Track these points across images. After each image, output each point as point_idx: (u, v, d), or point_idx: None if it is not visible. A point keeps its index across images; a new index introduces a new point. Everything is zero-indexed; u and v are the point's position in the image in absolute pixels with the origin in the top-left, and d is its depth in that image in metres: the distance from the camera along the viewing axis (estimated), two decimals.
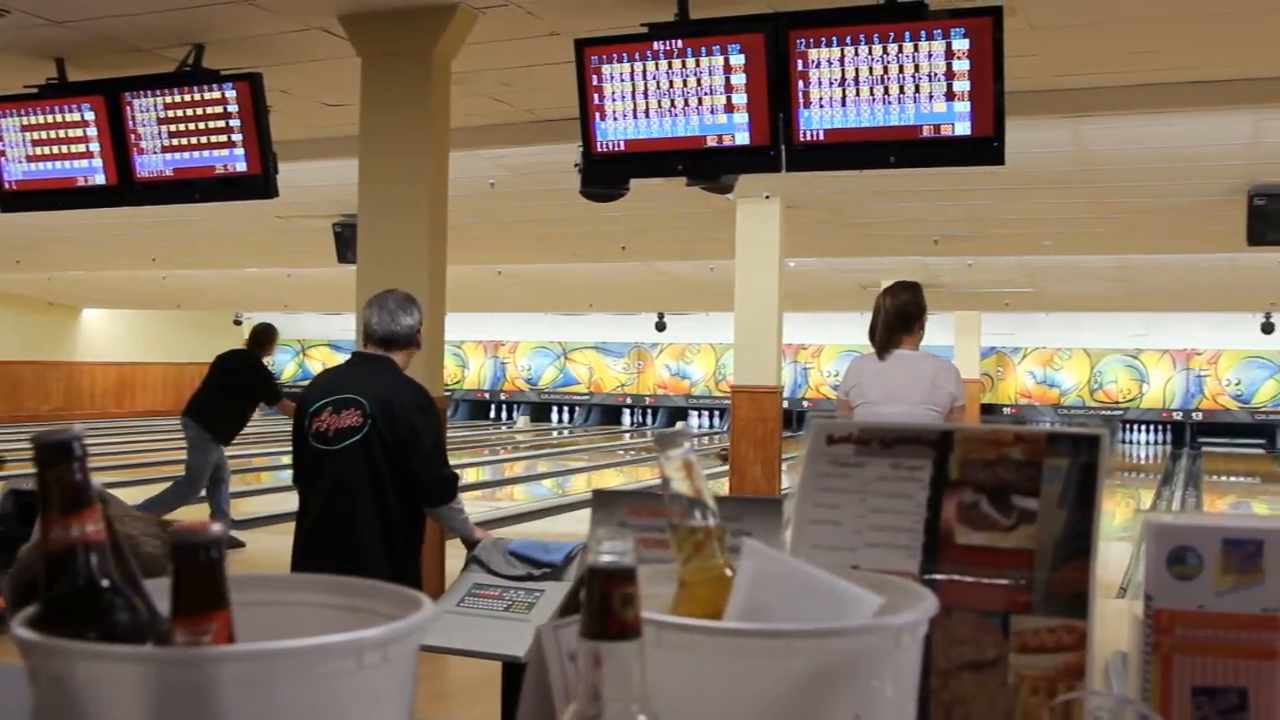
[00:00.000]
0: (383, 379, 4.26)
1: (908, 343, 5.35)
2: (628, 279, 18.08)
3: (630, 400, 27.91)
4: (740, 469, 11.21)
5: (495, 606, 3.43)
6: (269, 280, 19.72)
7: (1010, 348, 25.39)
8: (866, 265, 16.27)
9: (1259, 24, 6.04)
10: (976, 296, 19.50)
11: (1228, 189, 9.79)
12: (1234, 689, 1.07)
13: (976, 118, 5.04)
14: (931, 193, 10.39)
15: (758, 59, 5.24)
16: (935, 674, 1.13)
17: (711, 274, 16.01)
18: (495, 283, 18.57)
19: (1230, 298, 18.47)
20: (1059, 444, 1.13)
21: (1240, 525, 1.08)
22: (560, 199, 9.99)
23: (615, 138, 5.48)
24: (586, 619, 0.83)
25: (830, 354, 26.46)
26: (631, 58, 5.39)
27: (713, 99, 5.32)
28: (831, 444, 1.22)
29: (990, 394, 24.80)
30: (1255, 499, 16.84)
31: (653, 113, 5.39)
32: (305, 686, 0.80)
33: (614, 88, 5.43)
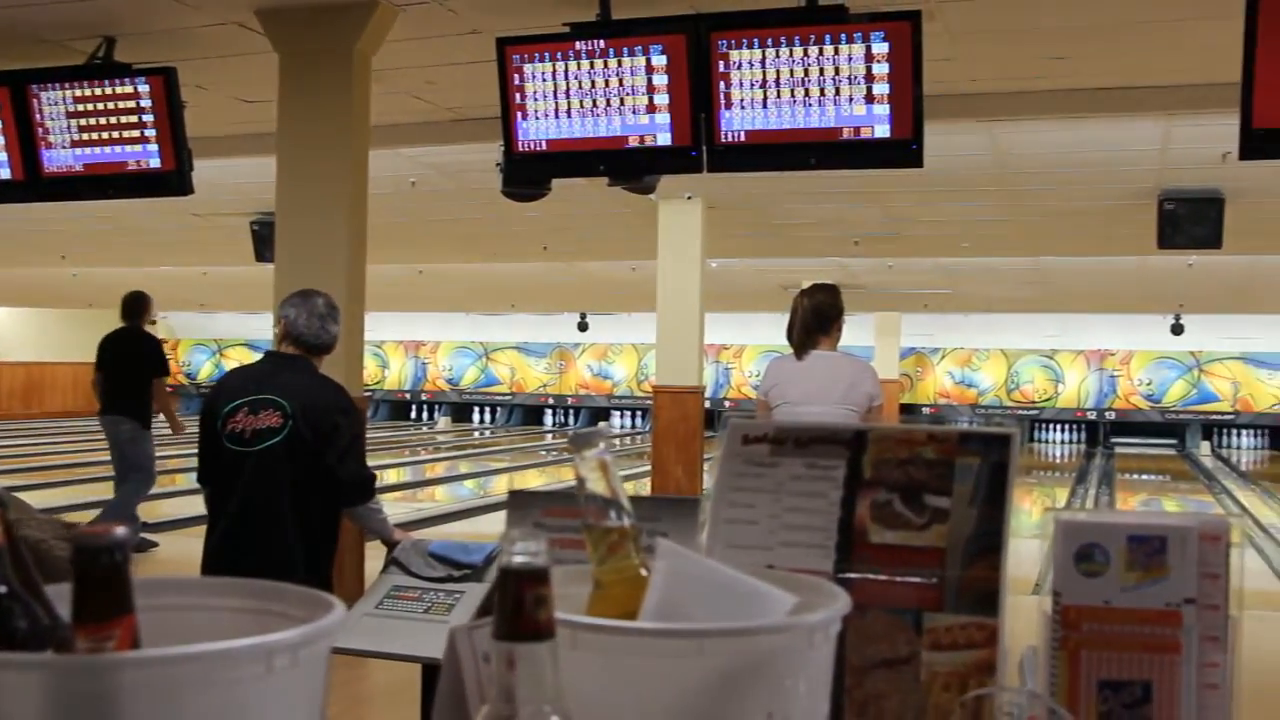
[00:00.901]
0: (302, 380, 4.21)
1: (825, 343, 5.40)
2: (550, 279, 18.05)
3: (552, 400, 27.86)
4: (662, 469, 11.24)
5: (415, 608, 3.40)
6: (185, 279, 19.41)
7: (929, 348, 25.71)
8: (788, 266, 16.38)
9: (1170, 33, 6.17)
10: (896, 298, 19.72)
11: (1139, 193, 9.98)
12: (1138, 682, 1.09)
13: (895, 120, 5.10)
14: (851, 194, 10.49)
15: (679, 60, 5.25)
16: (849, 672, 1.14)
17: (633, 274, 16.03)
18: (416, 282, 18.45)
19: (1141, 299, 18.85)
20: (970, 443, 1.14)
21: (1145, 522, 1.10)
22: (482, 198, 9.95)
23: (537, 137, 5.47)
24: (499, 620, 0.83)
25: (752, 354, 26.61)
26: (553, 57, 5.38)
27: (634, 99, 5.33)
28: (747, 444, 1.23)
29: (909, 394, 25.11)
30: (1166, 497, 17.20)
31: (574, 112, 5.38)
32: (213, 692, 0.79)
33: (535, 87, 5.41)
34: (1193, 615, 1.09)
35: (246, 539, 4.15)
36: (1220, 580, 1.10)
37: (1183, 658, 1.09)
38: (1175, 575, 1.08)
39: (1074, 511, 1.14)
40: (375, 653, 3.31)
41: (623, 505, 1.06)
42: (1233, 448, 24.43)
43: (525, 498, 1.38)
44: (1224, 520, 1.11)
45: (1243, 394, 24.49)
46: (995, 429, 1.14)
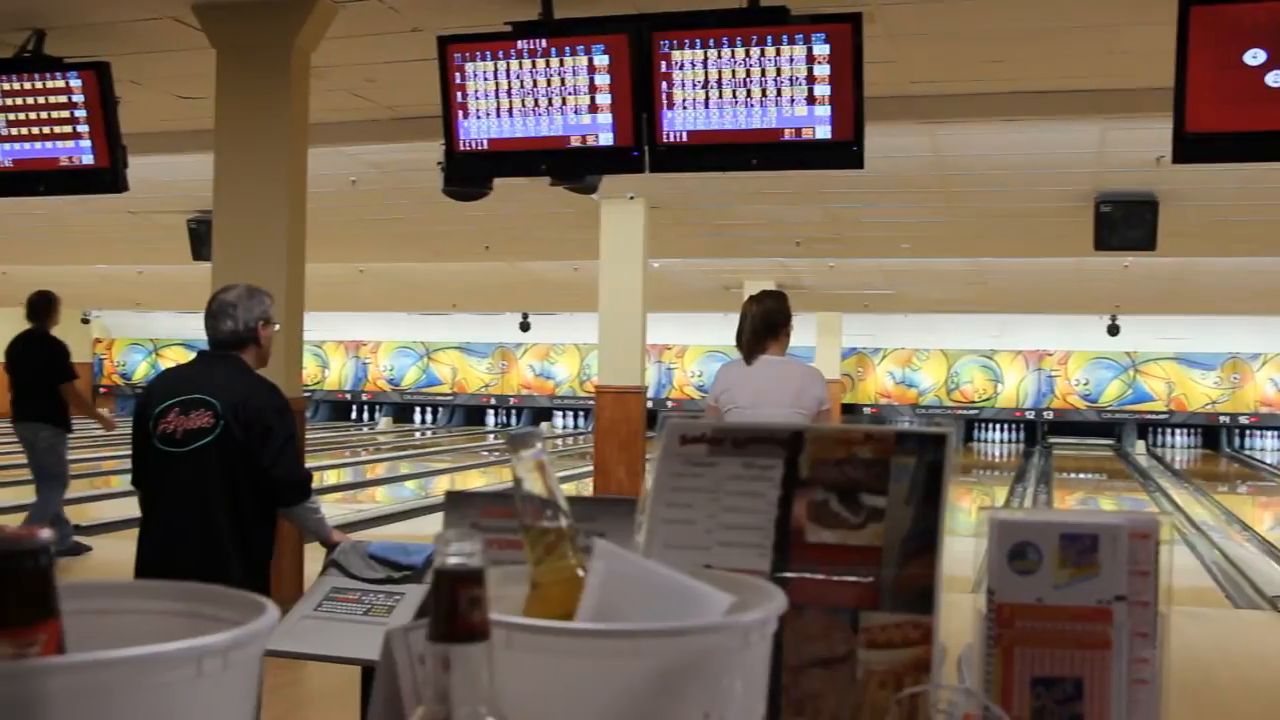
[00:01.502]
0: (234, 379, 4.14)
1: (773, 348, 5.47)
2: (492, 279, 17.99)
3: (494, 401, 27.78)
4: (604, 470, 11.24)
5: (354, 610, 3.38)
6: (120, 277, 19.15)
7: (870, 348, 25.90)
8: (730, 266, 16.44)
9: (1105, 37, 6.25)
10: (837, 298, 19.84)
11: (1076, 195, 10.12)
12: (1070, 679, 1.11)
13: (837, 122, 5.13)
14: (793, 195, 10.54)
15: (621, 60, 5.25)
16: (786, 671, 1.14)
17: (576, 274, 16.02)
18: (357, 281, 18.32)
19: (1079, 300, 19.10)
20: (906, 443, 1.15)
21: (1077, 520, 1.11)
22: (423, 197, 9.89)
23: (478, 136, 5.45)
24: (434, 621, 0.83)
25: (694, 354, 26.68)
26: (495, 56, 5.36)
27: (576, 99, 5.32)
28: (685, 444, 1.23)
29: (851, 394, 25.27)
30: (1102, 495, 17.43)
31: (516, 112, 5.37)
32: (142, 697, 0.78)
33: (477, 86, 5.39)
34: (1123, 612, 1.10)
35: (180, 541, 4.10)
36: (1150, 577, 1.11)
37: (1113, 654, 1.10)
38: (1106, 573, 1.10)
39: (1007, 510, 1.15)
40: (314, 655, 3.28)
41: (560, 505, 1.06)
42: (1167, 446, 24.83)
43: (463, 498, 1.37)
44: (1153, 518, 1.12)
45: (1176, 394, 24.89)
46: (930, 429, 1.15)
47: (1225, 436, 24.82)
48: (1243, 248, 12.96)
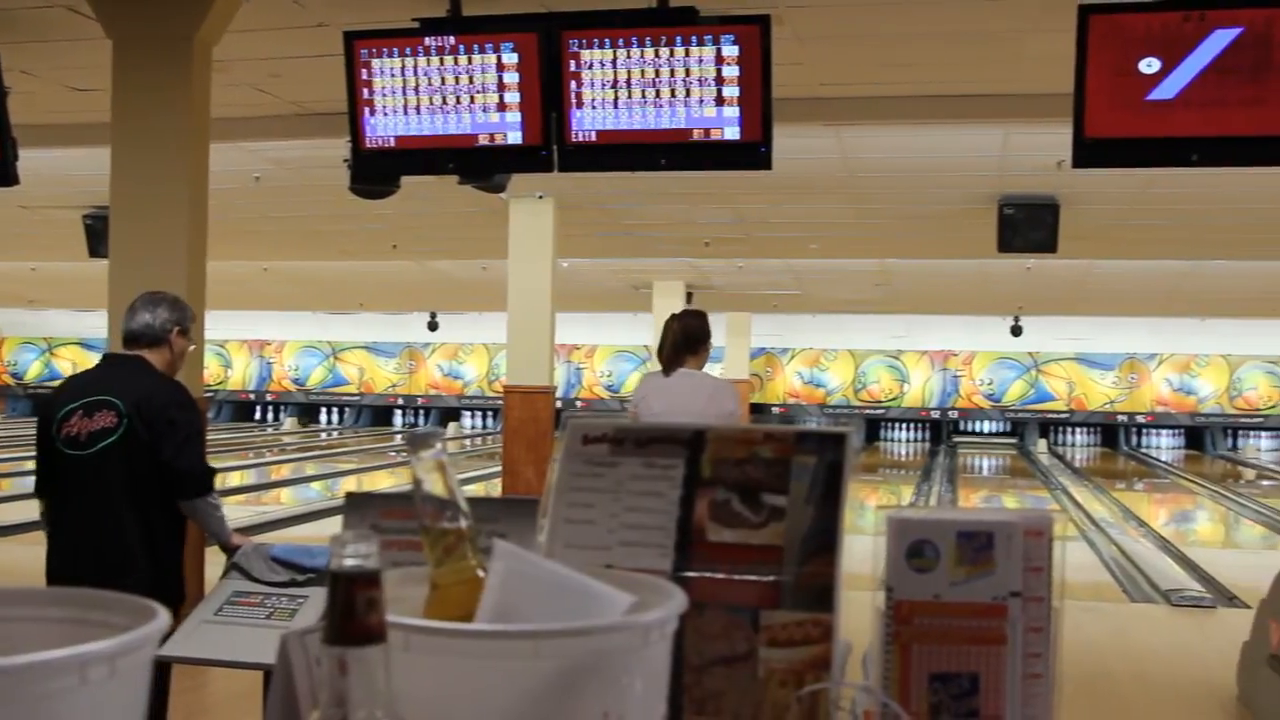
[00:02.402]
0: (137, 379, 4.08)
1: (692, 363, 5.72)
2: (399, 278, 17.84)
3: (402, 401, 27.57)
4: (513, 470, 11.19)
5: (256, 614, 3.33)
6: (12, 274, 18.66)
7: (779, 348, 26.11)
8: (639, 266, 16.47)
9: (1008, 44, 6.36)
10: (746, 298, 19.98)
11: (980, 198, 10.28)
12: (966, 674, 1.12)
13: (745, 123, 5.15)
14: (702, 195, 10.59)
15: (530, 58, 5.23)
16: (688, 669, 1.15)
17: (484, 273, 15.94)
18: (261, 280, 18.06)
19: (983, 301, 19.42)
20: (806, 442, 1.16)
21: (972, 519, 1.13)
22: (329, 195, 9.77)
23: (385, 134, 5.39)
24: (329, 624, 0.82)
25: (604, 354, 26.70)
26: (402, 53, 5.30)
27: (485, 97, 5.29)
28: (587, 444, 1.22)
29: (759, 394, 25.45)
30: (1006, 493, 17.74)
31: (424, 109, 5.32)
32: (22, 707, 0.75)
33: (384, 83, 5.33)
34: (1017, 608, 1.12)
35: (87, 545, 4.02)
36: (1044, 573, 1.13)
37: (1008, 649, 1.12)
38: (1001, 570, 1.11)
39: (904, 509, 1.17)
40: (215, 661, 3.23)
41: (460, 506, 1.05)
42: (1067, 445, 25.35)
43: (362, 499, 1.35)
44: (1047, 515, 1.14)
45: (1077, 393, 25.43)
46: (830, 428, 1.16)
47: (1123, 435, 25.40)
48: (1140, 250, 13.28)
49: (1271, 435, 25.21)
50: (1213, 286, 16.66)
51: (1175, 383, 25.35)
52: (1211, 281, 16.09)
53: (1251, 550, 12.80)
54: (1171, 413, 25.30)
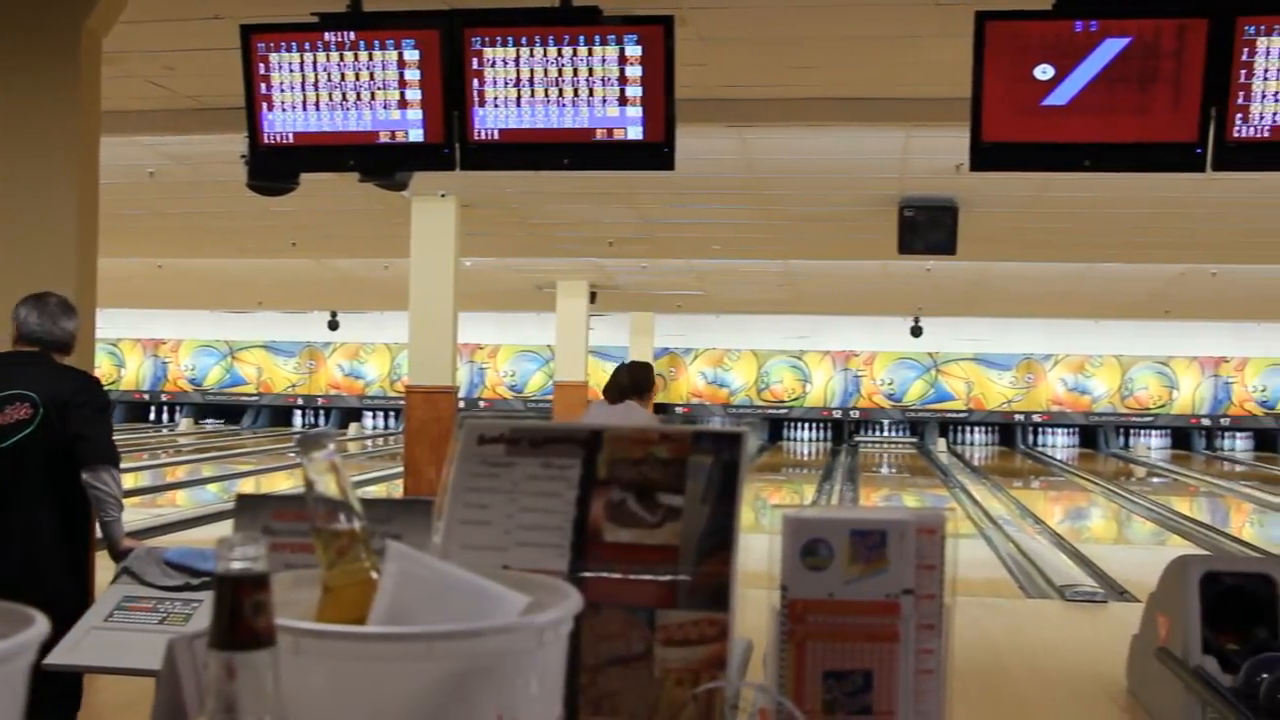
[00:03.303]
0: (49, 371, 4.17)
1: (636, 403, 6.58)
2: (299, 276, 17.59)
3: (302, 401, 27.20)
4: (415, 470, 11.10)
5: (149, 620, 3.26)
6: None
7: (682, 348, 26.21)
8: (543, 266, 16.44)
9: (908, 48, 6.45)
10: (650, 298, 20.03)
11: (881, 200, 10.41)
12: (860, 671, 1.13)
13: (648, 123, 5.15)
14: (605, 195, 10.59)
15: (432, 56, 5.18)
16: (584, 670, 1.14)
17: (386, 272, 15.79)
18: (155, 277, 17.69)
19: (884, 302, 19.68)
20: (702, 442, 1.16)
21: (866, 517, 1.14)
22: (226, 191, 9.60)
23: (283, 130, 5.30)
24: (216, 628, 0.81)
25: (507, 354, 26.60)
26: (301, 48, 5.22)
27: (386, 94, 5.23)
28: (483, 444, 1.22)
29: (663, 394, 25.52)
30: (906, 492, 17.99)
31: (323, 105, 5.24)
32: None
33: (282, 78, 5.25)
34: (910, 605, 1.13)
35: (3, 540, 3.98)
36: (936, 571, 1.15)
37: (901, 646, 1.13)
38: (894, 568, 1.13)
39: (798, 508, 1.18)
40: (103, 668, 3.15)
41: (353, 508, 1.04)
42: (966, 444, 25.78)
43: (254, 501, 1.33)
44: (940, 513, 1.15)
45: (975, 393, 25.88)
46: (726, 428, 1.16)
47: (1020, 434, 25.90)
48: (1035, 253, 13.55)
49: (1161, 434, 25.87)
50: (1105, 289, 17.06)
51: (1070, 383, 25.91)
52: (1104, 284, 16.47)
53: (1142, 546, 13.13)
54: (1066, 412, 25.86)
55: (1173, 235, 11.97)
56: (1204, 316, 21.39)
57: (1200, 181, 6.80)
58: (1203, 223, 11.27)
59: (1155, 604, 5.10)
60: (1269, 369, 25.44)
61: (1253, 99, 4.65)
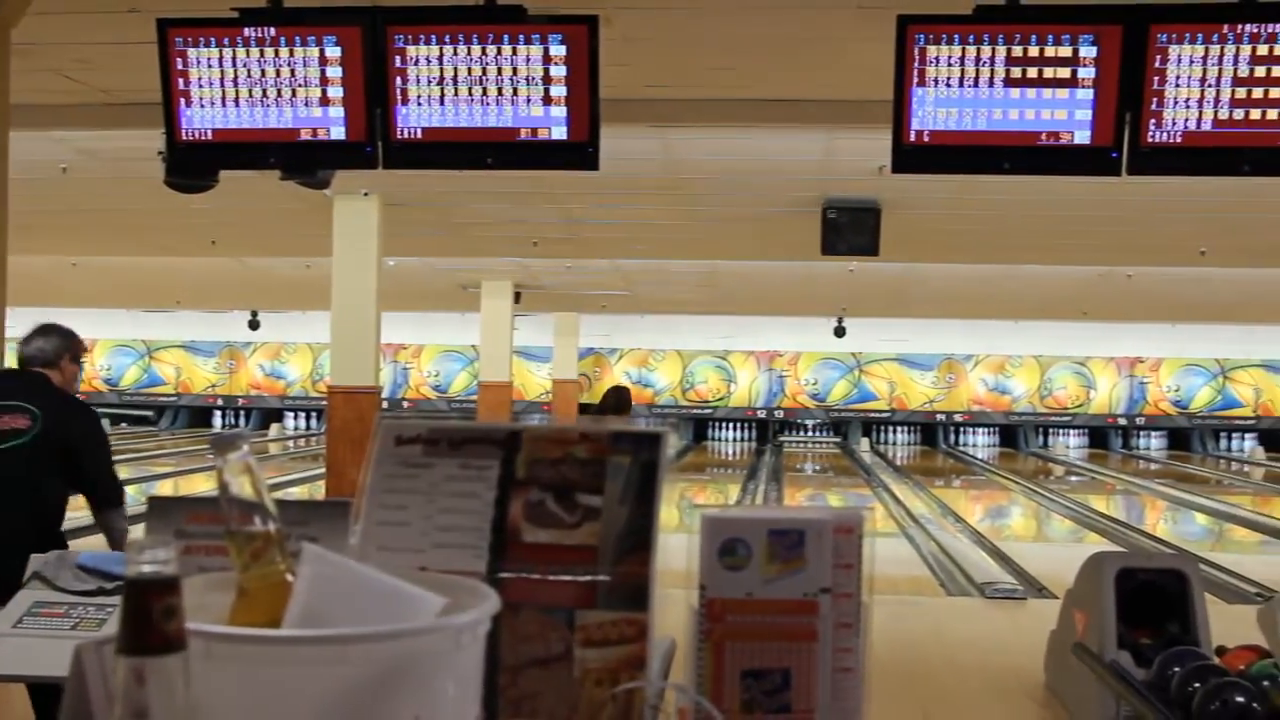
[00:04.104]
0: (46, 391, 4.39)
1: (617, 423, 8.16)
2: (219, 274, 17.34)
3: (222, 401, 26.84)
4: (337, 472, 11.00)
5: (61, 625, 3.18)
6: None
7: (607, 349, 26.22)
8: (467, 265, 16.35)
9: (831, 50, 6.50)
10: (574, 298, 20.00)
11: (804, 201, 10.48)
12: (778, 670, 1.14)
13: (572, 123, 5.14)
14: (530, 195, 10.56)
15: (354, 53, 5.13)
16: (503, 671, 1.14)
17: (308, 271, 15.62)
18: (70, 275, 17.34)
19: (808, 303, 19.82)
20: (622, 442, 1.16)
21: (784, 517, 1.15)
22: (144, 188, 9.41)
23: (202, 126, 5.22)
24: (125, 633, 0.79)
25: (430, 354, 26.44)
26: (220, 43, 5.14)
27: (307, 91, 5.17)
28: (400, 445, 1.20)
29: (588, 394, 25.48)
30: (829, 491, 18.14)
31: (243, 102, 5.17)
32: None
33: (201, 73, 5.17)
34: (828, 604, 1.14)
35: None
36: (854, 570, 1.15)
37: (819, 644, 1.14)
38: (812, 567, 1.13)
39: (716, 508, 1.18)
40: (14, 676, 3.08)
41: (268, 509, 1.03)
42: (889, 443, 26.05)
43: (167, 503, 1.31)
44: (857, 513, 1.16)
45: (898, 393, 26.16)
46: (645, 429, 1.16)
47: (941, 434, 26.21)
48: (956, 255, 13.72)
49: (1079, 433, 26.32)
50: (1024, 290, 17.32)
51: (990, 383, 26.27)
52: (1023, 286, 16.72)
53: (1060, 544, 13.35)
54: (987, 412, 26.22)
55: (1090, 238, 12.18)
56: (1120, 318, 21.79)
57: (1116, 185, 6.92)
58: (1119, 226, 11.48)
59: (1072, 600, 5.18)
60: (1182, 369, 26.00)
61: (1165, 105, 4.75)
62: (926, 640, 6.32)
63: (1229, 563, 10.29)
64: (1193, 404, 26.04)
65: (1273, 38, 4.67)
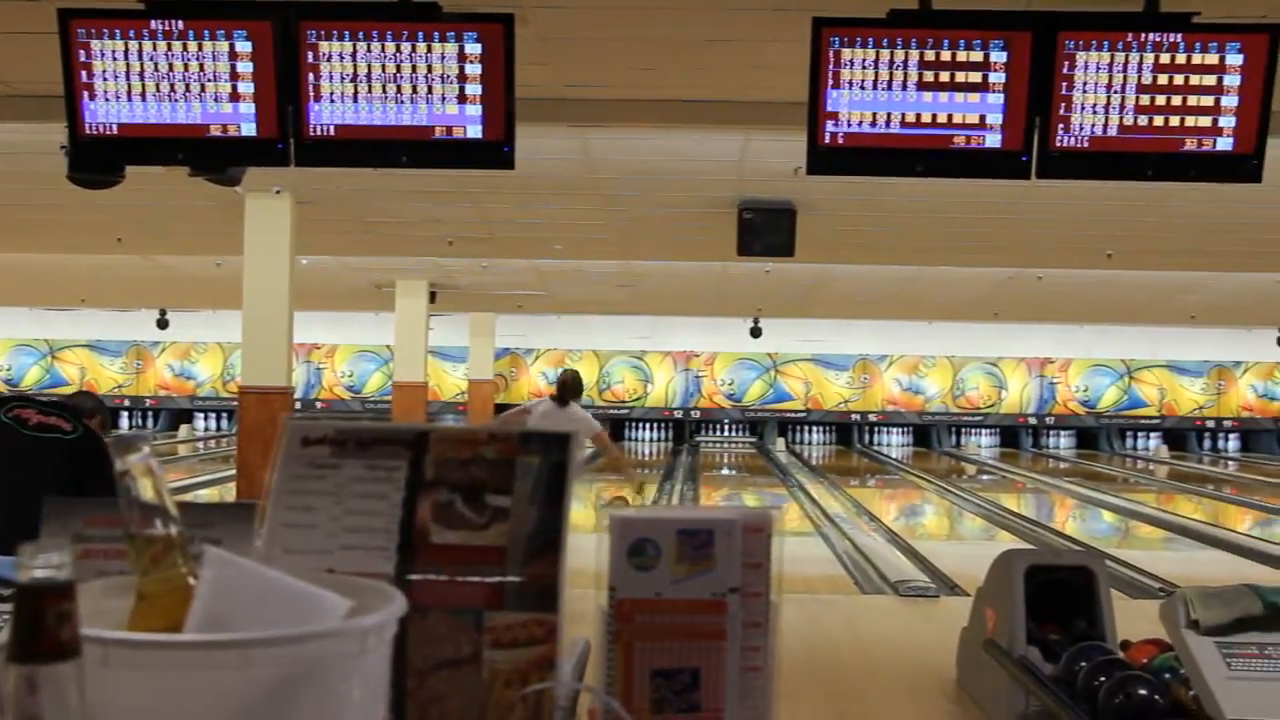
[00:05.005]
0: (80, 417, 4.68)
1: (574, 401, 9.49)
2: (125, 272, 17.01)
3: (129, 402, 26.35)
4: (249, 474, 10.86)
5: None
6: None
7: (524, 349, 26.14)
8: (382, 264, 16.21)
9: (747, 52, 6.53)
10: (491, 298, 19.92)
11: (721, 202, 10.54)
12: (688, 669, 1.14)
13: (488, 122, 5.11)
14: (445, 194, 10.50)
15: (265, 47, 5.06)
16: (411, 674, 1.13)
17: (219, 270, 15.39)
18: None
19: (724, 304, 19.92)
20: (531, 442, 1.16)
21: (693, 516, 1.15)
22: (45, 183, 9.24)
23: (106, 120, 5.11)
24: (15, 640, 0.78)
25: (345, 354, 26.18)
26: (125, 35, 5.03)
27: (217, 86, 5.09)
28: (307, 446, 1.19)
29: (504, 394, 25.40)
30: (746, 491, 18.24)
31: (150, 96, 5.07)
32: None
33: (105, 66, 5.06)
34: (737, 603, 1.14)
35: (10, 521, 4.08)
36: (763, 569, 1.16)
37: (728, 644, 1.14)
38: (721, 566, 1.14)
39: (624, 508, 1.18)
40: None
41: (169, 512, 1.01)
42: (805, 443, 26.26)
43: (64, 506, 1.28)
44: (766, 513, 1.17)
45: (813, 393, 26.38)
46: (554, 430, 1.16)
47: (856, 433, 26.48)
48: (870, 256, 13.88)
49: (991, 433, 26.74)
50: (937, 292, 17.57)
51: (904, 383, 26.59)
52: (936, 287, 16.96)
53: (972, 542, 13.53)
54: (901, 411, 26.54)
55: (1000, 240, 12.38)
56: (1030, 319, 22.18)
57: (1026, 188, 7.04)
58: (1028, 229, 11.68)
59: (983, 598, 5.24)
60: (1090, 370, 26.52)
61: (1073, 110, 4.84)
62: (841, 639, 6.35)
63: (1135, 559, 10.51)
64: (1100, 404, 26.58)
65: (1174, 47, 4.79)
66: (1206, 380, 26.57)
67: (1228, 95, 4.81)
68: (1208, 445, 26.76)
